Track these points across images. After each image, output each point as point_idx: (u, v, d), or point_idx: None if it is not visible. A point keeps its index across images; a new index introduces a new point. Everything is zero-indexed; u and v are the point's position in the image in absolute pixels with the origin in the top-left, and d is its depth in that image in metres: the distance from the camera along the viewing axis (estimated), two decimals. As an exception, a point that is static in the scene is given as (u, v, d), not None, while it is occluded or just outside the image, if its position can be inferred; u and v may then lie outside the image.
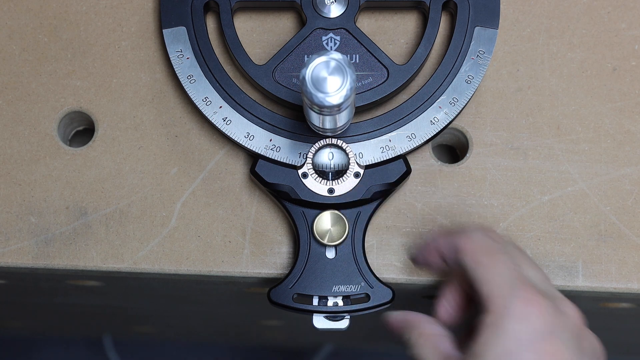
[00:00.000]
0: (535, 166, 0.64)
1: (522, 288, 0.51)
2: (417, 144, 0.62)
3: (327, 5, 0.63)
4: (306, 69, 0.52)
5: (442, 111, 0.62)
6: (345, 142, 0.61)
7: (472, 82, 0.62)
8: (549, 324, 0.50)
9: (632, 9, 0.66)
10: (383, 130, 0.62)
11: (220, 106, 0.62)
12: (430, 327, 0.56)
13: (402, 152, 0.62)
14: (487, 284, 0.52)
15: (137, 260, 0.63)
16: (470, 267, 0.53)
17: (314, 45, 0.63)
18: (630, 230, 0.63)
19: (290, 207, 0.62)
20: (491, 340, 0.51)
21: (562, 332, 0.51)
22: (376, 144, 0.61)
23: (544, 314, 0.51)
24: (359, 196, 0.61)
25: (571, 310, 0.53)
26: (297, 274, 0.61)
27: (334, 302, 0.60)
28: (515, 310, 0.50)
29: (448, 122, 0.62)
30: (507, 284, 0.51)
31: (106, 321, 1.16)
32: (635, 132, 0.65)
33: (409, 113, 0.62)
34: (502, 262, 0.53)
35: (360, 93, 0.62)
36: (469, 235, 0.55)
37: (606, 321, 0.89)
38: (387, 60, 0.62)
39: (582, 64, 0.65)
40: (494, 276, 0.52)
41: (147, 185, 0.64)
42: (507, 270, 0.52)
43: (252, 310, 0.93)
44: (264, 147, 0.61)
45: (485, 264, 0.53)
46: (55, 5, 0.66)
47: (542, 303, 0.51)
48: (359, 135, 0.62)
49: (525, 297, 0.51)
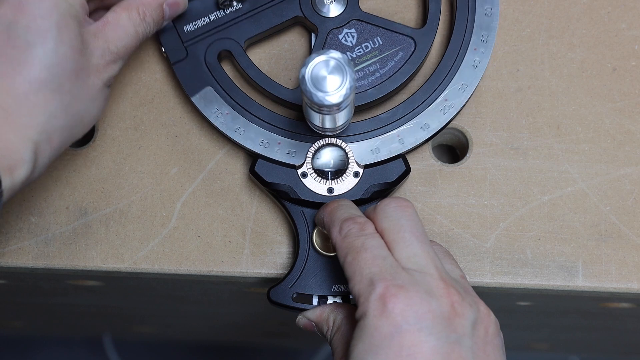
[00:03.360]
0: (535, 166, 0.64)
1: (381, 284, 0.51)
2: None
3: (326, 5, 0.63)
4: (305, 68, 0.53)
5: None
6: (345, 141, 0.61)
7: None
8: (411, 317, 0.50)
9: (632, 9, 0.66)
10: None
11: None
12: (338, 319, 0.57)
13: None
14: (351, 281, 0.53)
15: (137, 260, 0.63)
16: (342, 264, 0.54)
17: (336, 46, 0.63)
18: (630, 230, 0.63)
19: (289, 206, 0.62)
20: (357, 336, 0.51)
21: (425, 321, 0.50)
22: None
23: (404, 308, 0.50)
24: (359, 196, 0.61)
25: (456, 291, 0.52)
26: (297, 274, 0.61)
27: (334, 302, 0.60)
28: (372, 307, 0.51)
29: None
30: (366, 282, 0.52)
31: (106, 321, 1.16)
32: (635, 132, 0.65)
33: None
34: (362, 260, 0.53)
35: (399, 69, 0.62)
36: (337, 228, 0.55)
37: (606, 321, 0.89)
38: (408, 30, 0.63)
39: (582, 64, 0.65)
40: (355, 275, 0.52)
41: (147, 185, 0.64)
42: (367, 267, 0.52)
43: (252, 310, 0.93)
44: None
45: (349, 263, 0.53)
46: None
47: (401, 297, 0.50)
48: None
49: (382, 293, 0.51)
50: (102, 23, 0.55)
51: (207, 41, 0.62)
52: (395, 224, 0.54)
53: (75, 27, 0.53)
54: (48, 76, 0.51)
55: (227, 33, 0.63)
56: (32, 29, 0.51)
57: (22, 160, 0.51)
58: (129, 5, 0.57)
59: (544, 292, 0.64)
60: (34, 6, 0.52)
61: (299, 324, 0.60)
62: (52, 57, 0.51)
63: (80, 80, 0.53)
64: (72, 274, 0.65)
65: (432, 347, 0.50)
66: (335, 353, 0.56)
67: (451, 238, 0.63)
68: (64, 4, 0.52)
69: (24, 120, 0.51)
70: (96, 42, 0.54)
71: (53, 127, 0.52)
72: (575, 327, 0.95)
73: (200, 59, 0.62)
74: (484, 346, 0.52)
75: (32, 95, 0.51)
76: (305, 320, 0.60)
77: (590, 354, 1.23)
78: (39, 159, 0.52)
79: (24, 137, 0.51)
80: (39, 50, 0.51)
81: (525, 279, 0.63)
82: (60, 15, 0.52)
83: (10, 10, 0.52)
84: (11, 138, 0.50)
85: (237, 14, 0.63)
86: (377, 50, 0.63)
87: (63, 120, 0.53)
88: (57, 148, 0.53)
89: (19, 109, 0.51)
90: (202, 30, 0.63)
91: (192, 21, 0.63)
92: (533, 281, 0.63)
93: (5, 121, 0.50)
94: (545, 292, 0.63)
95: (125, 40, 0.56)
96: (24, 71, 0.51)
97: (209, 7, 0.63)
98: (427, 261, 0.53)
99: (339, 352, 0.55)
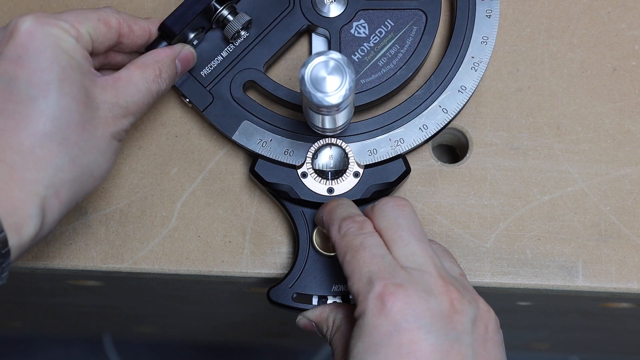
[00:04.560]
0: (535, 166, 0.64)
1: (380, 283, 0.51)
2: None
3: (327, 5, 0.63)
4: (305, 68, 0.53)
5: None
6: (345, 141, 0.61)
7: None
8: (410, 316, 0.50)
9: (632, 9, 0.66)
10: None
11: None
12: (338, 319, 0.58)
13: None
14: (350, 280, 0.53)
15: (137, 260, 0.63)
16: (341, 263, 0.54)
17: (351, 41, 0.62)
18: (630, 230, 0.63)
19: (289, 206, 0.62)
20: (356, 336, 0.51)
21: (424, 319, 0.50)
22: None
23: (402, 306, 0.50)
24: (359, 196, 0.61)
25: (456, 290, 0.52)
26: (297, 274, 0.61)
27: (333, 302, 0.60)
28: (371, 306, 0.51)
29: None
30: (365, 280, 0.52)
31: (106, 321, 1.16)
32: (635, 132, 0.65)
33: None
34: (361, 259, 0.53)
35: (419, 43, 0.62)
36: (336, 227, 0.55)
37: (606, 321, 0.89)
38: (414, 3, 0.63)
39: (582, 64, 0.65)
40: (354, 273, 0.53)
41: (147, 185, 0.64)
42: (365, 266, 0.52)
43: (252, 310, 0.93)
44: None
45: (348, 262, 0.53)
46: (55, 6, 0.66)
47: (399, 296, 0.50)
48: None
49: (381, 292, 0.51)
50: (112, 78, 0.54)
51: (227, 78, 0.62)
52: (393, 223, 0.54)
53: (78, 79, 0.52)
54: (52, 129, 0.50)
55: (244, 64, 0.62)
56: (33, 82, 0.51)
57: (29, 217, 0.49)
58: (143, 64, 0.56)
59: (544, 292, 0.64)
60: (34, 60, 0.51)
61: (299, 324, 0.60)
62: (55, 109, 0.50)
63: (87, 132, 0.52)
64: (72, 274, 0.65)
65: (431, 345, 0.50)
66: (335, 353, 0.56)
67: (451, 238, 0.63)
68: (64, 55, 0.52)
69: (29, 174, 0.50)
70: (104, 96, 0.53)
71: (60, 181, 0.51)
72: (575, 327, 0.95)
73: (227, 97, 0.62)
74: (484, 343, 0.52)
75: (38, 149, 0.50)
76: (305, 320, 0.60)
77: (590, 354, 1.23)
78: (47, 214, 0.50)
79: (30, 193, 0.49)
80: (41, 103, 0.50)
81: (525, 279, 0.63)
82: (61, 67, 0.51)
83: (10, 65, 0.51)
84: (17, 194, 0.49)
85: (247, 43, 0.62)
86: (392, 32, 0.62)
87: (71, 173, 0.51)
88: (66, 203, 0.52)
89: (25, 163, 0.50)
90: (219, 69, 0.62)
91: (206, 64, 0.62)
92: (533, 281, 0.63)
93: (10, 177, 0.49)
94: (545, 292, 0.63)
95: (137, 97, 0.55)
96: (28, 125, 0.50)
97: (218, 44, 0.62)
98: (425, 259, 0.53)
99: (339, 352, 0.55)
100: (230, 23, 0.61)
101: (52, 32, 0.52)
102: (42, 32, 0.52)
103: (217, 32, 0.62)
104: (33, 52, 0.51)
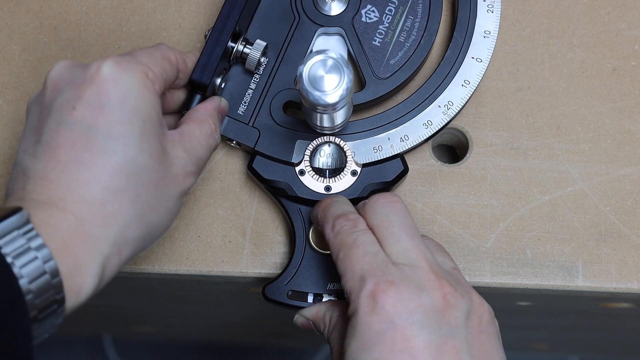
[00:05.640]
0: (535, 166, 0.64)
1: (371, 281, 0.51)
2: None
3: (328, 4, 0.63)
4: (303, 66, 0.53)
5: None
6: (344, 139, 0.61)
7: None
8: (402, 312, 0.50)
9: (632, 9, 0.66)
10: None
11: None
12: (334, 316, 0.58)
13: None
14: (343, 278, 0.53)
15: (137, 260, 0.63)
16: (334, 261, 0.54)
17: (367, 29, 0.62)
18: (630, 230, 0.63)
19: (286, 204, 0.62)
20: (349, 334, 0.51)
21: (416, 315, 0.50)
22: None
23: (394, 303, 0.50)
24: (356, 194, 0.61)
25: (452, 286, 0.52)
26: (292, 271, 0.61)
27: (329, 300, 0.60)
28: (363, 304, 0.51)
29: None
30: (357, 278, 0.52)
31: (106, 321, 1.17)
32: (635, 132, 0.65)
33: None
34: (354, 257, 0.53)
35: (430, 7, 0.62)
36: (330, 225, 0.55)
37: (606, 321, 0.89)
38: None
39: (582, 64, 0.65)
40: (347, 271, 0.52)
41: (146, 185, 0.64)
42: (358, 264, 0.52)
43: (253, 310, 0.93)
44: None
45: (342, 259, 0.53)
46: (55, 6, 0.66)
47: (391, 293, 0.50)
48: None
49: (373, 289, 0.51)
50: (178, 133, 0.53)
51: (265, 107, 0.61)
52: (385, 219, 0.54)
53: (156, 134, 0.50)
54: (127, 185, 0.48)
55: (275, 87, 0.62)
56: (114, 134, 0.48)
57: (89, 276, 0.47)
58: (199, 119, 0.55)
59: (543, 292, 0.64)
60: (117, 110, 0.49)
61: (297, 323, 0.60)
62: (132, 166, 0.48)
63: (159, 191, 0.50)
64: (72, 274, 0.65)
65: (425, 341, 0.50)
66: (333, 351, 0.56)
67: (451, 238, 0.63)
68: (145, 107, 0.50)
69: (96, 231, 0.47)
70: (176, 151, 0.52)
71: (125, 239, 0.49)
72: (575, 327, 0.95)
73: (272, 125, 0.61)
74: (478, 335, 0.52)
75: (109, 204, 0.48)
76: (302, 319, 0.60)
77: (590, 354, 1.23)
78: (106, 273, 0.48)
79: (95, 250, 0.47)
80: (119, 157, 0.48)
81: (525, 279, 0.63)
82: (142, 120, 0.49)
83: (91, 111, 0.49)
84: (80, 252, 0.47)
85: (270, 67, 0.62)
86: (401, 6, 0.62)
87: (136, 232, 0.49)
88: (125, 261, 0.50)
89: (93, 218, 0.47)
90: (254, 102, 0.61)
91: (240, 102, 0.62)
92: (533, 281, 0.63)
93: (76, 232, 0.47)
94: (545, 292, 0.63)
95: (202, 152, 0.54)
96: (102, 178, 0.48)
97: (243, 79, 0.62)
98: (417, 255, 0.53)
99: (336, 350, 0.55)
100: (250, 55, 0.60)
101: (135, 79, 0.50)
102: (126, 80, 0.50)
103: (237, 68, 0.62)
104: (116, 101, 0.49)
